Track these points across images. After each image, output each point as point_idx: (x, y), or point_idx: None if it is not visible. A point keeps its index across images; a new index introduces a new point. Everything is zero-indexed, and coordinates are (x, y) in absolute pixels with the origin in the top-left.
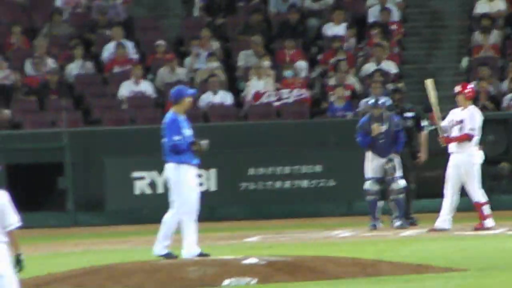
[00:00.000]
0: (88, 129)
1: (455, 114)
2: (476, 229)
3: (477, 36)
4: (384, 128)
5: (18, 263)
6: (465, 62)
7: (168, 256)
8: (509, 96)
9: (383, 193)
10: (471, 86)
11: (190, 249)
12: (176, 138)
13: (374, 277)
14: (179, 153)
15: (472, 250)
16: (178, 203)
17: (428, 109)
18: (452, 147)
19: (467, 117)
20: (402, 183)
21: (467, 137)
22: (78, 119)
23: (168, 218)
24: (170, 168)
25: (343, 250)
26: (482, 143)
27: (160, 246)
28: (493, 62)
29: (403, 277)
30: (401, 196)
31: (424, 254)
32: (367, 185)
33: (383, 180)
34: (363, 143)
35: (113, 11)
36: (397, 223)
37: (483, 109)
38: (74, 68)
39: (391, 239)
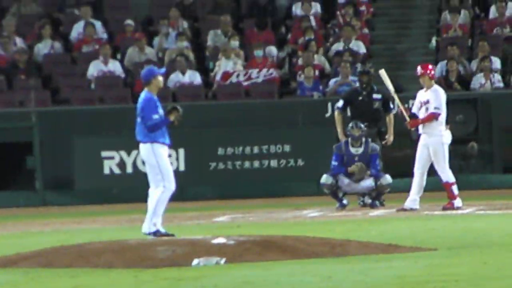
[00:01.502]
0: (57, 109)
1: (420, 96)
2: (445, 208)
3: (446, 16)
4: (360, 150)
5: None
6: (434, 42)
7: (158, 233)
8: (478, 75)
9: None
10: (431, 66)
11: (152, 226)
12: (155, 116)
13: (342, 256)
14: (155, 131)
15: (440, 230)
16: (161, 181)
17: (397, 89)
18: (421, 128)
19: (432, 97)
20: (389, 178)
21: (433, 116)
22: (46, 98)
23: (159, 195)
24: (145, 148)
25: (312, 230)
26: (450, 123)
27: (150, 224)
28: (462, 42)
29: (371, 256)
30: (387, 190)
31: (393, 234)
32: (323, 179)
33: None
34: (336, 170)
35: None
36: (369, 200)
37: (451, 88)
38: (42, 48)
39: (360, 219)
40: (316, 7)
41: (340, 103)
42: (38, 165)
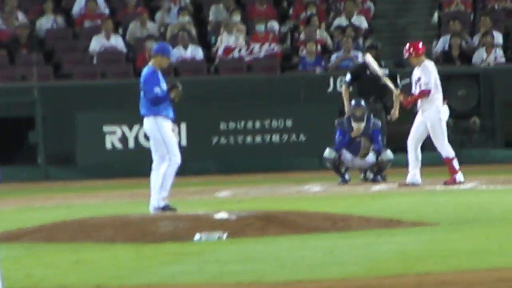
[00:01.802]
0: (59, 84)
1: (414, 74)
2: (447, 183)
3: None
4: (362, 126)
5: None
6: (436, 16)
7: (166, 208)
8: (480, 50)
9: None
10: (416, 44)
11: (160, 200)
12: (157, 90)
13: (344, 231)
14: (158, 105)
15: (442, 205)
16: (166, 154)
17: (399, 63)
18: (418, 105)
19: (421, 74)
20: (390, 154)
21: (423, 93)
22: (48, 73)
23: (165, 169)
24: (148, 122)
25: (314, 205)
26: (448, 98)
27: (158, 198)
28: (464, 16)
29: (373, 231)
30: (389, 166)
31: (395, 208)
32: (326, 153)
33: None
34: (340, 144)
35: None
36: (371, 175)
37: (453, 63)
38: (44, 23)
39: (362, 194)
40: None
41: (348, 77)
42: (40, 140)
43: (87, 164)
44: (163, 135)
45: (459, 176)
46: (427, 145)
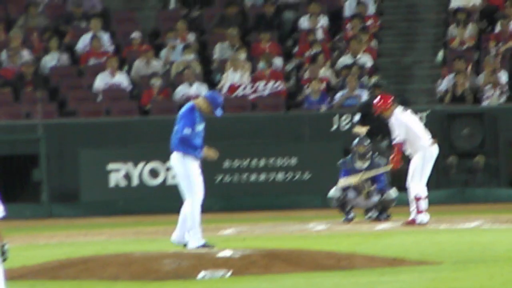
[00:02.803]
0: (63, 121)
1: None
2: (407, 223)
3: (453, 30)
4: (366, 165)
5: (3, 253)
6: (440, 55)
7: (205, 246)
8: (486, 88)
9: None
10: (380, 97)
11: (195, 240)
12: (187, 131)
13: (348, 270)
14: (185, 145)
15: (446, 244)
16: (189, 192)
17: (404, 102)
18: (407, 152)
19: (391, 128)
20: (393, 193)
21: (398, 148)
22: (53, 111)
23: (187, 208)
24: (175, 158)
25: (318, 243)
26: (436, 137)
27: (193, 237)
28: (468, 55)
29: (377, 270)
30: (393, 205)
31: (399, 247)
32: (331, 192)
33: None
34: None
35: (89, 2)
36: (375, 214)
37: (458, 103)
38: (49, 60)
39: (365, 232)
40: (323, 20)
41: (357, 117)
42: (44, 177)
43: (91, 202)
44: (187, 171)
45: (422, 217)
46: (428, 183)
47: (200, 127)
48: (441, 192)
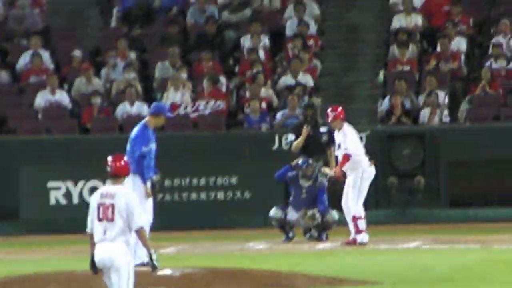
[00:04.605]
0: (4, 139)
1: (336, 137)
2: (347, 243)
3: (394, 50)
4: (309, 183)
5: None
6: (381, 75)
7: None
8: (425, 110)
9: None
10: (335, 107)
11: (138, 258)
12: (145, 149)
13: None
14: (141, 163)
15: (386, 264)
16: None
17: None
18: (345, 169)
19: (342, 139)
20: (335, 214)
21: (346, 158)
22: None
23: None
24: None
25: (258, 262)
26: (373, 159)
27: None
28: (409, 76)
29: None
30: (334, 226)
31: (339, 267)
32: (272, 212)
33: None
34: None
35: (30, 20)
36: (315, 233)
37: (398, 123)
38: None
39: (306, 252)
40: (265, 40)
41: (292, 137)
42: None
43: (31, 219)
44: (139, 194)
45: (362, 237)
46: (368, 203)
47: (153, 145)
48: (381, 212)
